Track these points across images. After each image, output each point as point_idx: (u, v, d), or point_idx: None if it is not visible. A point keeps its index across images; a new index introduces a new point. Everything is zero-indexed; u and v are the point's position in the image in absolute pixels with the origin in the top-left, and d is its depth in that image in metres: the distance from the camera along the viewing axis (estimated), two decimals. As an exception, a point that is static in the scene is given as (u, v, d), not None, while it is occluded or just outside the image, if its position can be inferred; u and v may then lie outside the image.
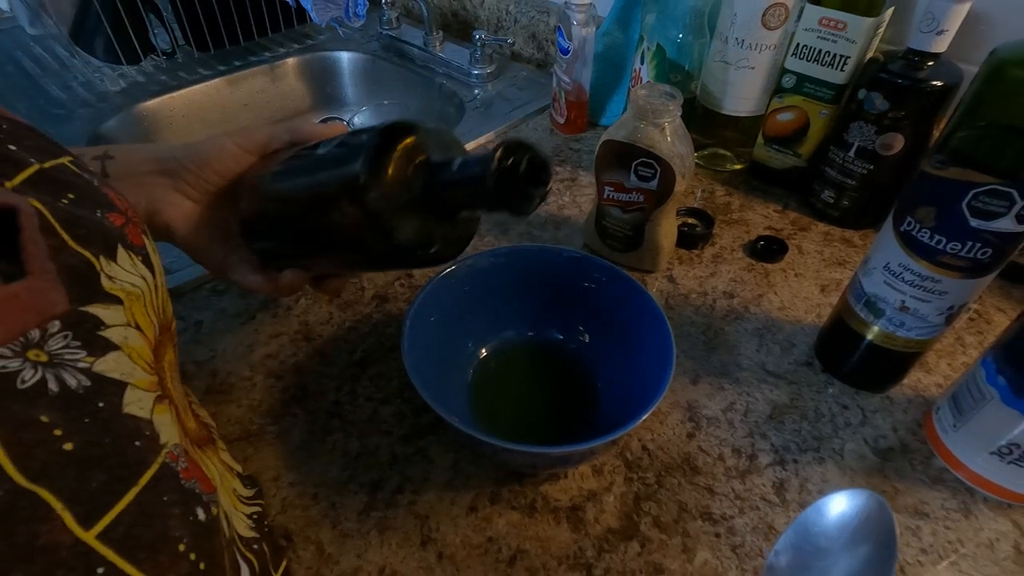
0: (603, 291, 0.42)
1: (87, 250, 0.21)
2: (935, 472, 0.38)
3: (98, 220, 0.23)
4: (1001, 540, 0.35)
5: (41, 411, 0.17)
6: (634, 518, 0.36)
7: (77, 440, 0.18)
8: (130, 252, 0.24)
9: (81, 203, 0.22)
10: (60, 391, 0.18)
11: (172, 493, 0.21)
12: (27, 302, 0.18)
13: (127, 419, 0.20)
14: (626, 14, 0.67)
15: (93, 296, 0.21)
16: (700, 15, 0.58)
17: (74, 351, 0.19)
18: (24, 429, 0.16)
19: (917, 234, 0.35)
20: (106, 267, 0.22)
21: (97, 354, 0.20)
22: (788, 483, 0.37)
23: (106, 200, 0.24)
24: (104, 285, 0.21)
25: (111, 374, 0.20)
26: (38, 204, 0.20)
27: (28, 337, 0.18)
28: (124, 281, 0.22)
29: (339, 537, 0.35)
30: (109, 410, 0.19)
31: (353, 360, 0.45)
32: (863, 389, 0.43)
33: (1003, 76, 0.30)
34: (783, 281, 0.52)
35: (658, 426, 0.40)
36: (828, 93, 0.54)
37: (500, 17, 0.87)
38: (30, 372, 0.17)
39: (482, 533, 0.35)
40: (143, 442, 0.20)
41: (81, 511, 0.17)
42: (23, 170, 0.21)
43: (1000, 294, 0.50)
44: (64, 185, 0.22)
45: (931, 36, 0.46)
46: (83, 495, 0.17)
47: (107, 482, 0.18)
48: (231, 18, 0.89)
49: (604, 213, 0.51)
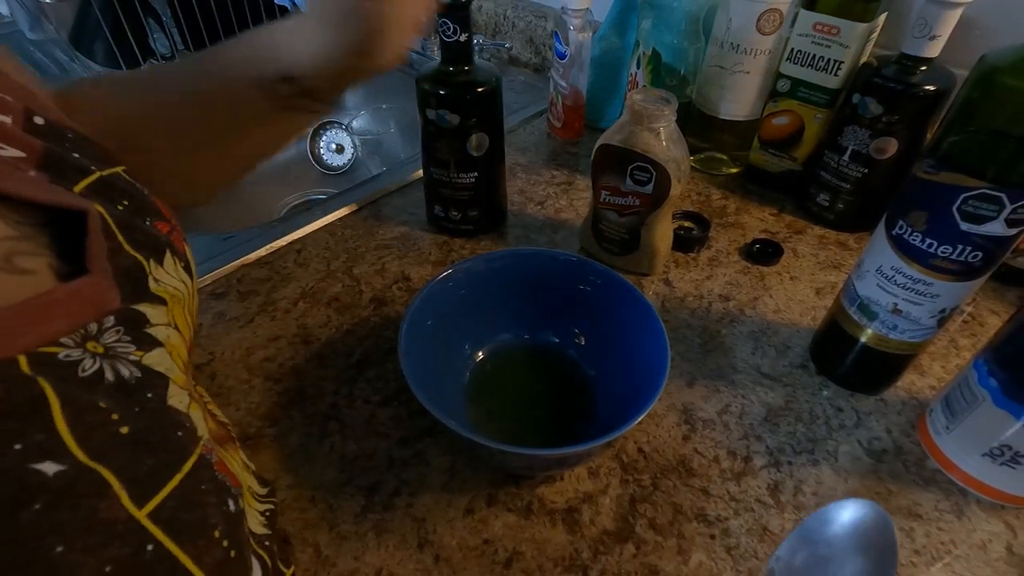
0: (599, 294, 0.42)
1: (139, 253, 0.23)
2: (928, 474, 0.38)
3: (148, 227, 0.24)
4: (994, 541, 0.35)
5: (100, 397, 0.18)
6: (630, 520, 0.36)
7: (132, 425, 0.19)
8: (175, 257, 0.25)
9: (135, 210, 0.24)
10: (115, 380, 0.19)
11: (209, 483, 0.22)
12: (88, 297, 0.19)
13: (171, 411, 0.21)
14: (622, 19, 0.67)
15: (142, 296, 0.22)
16: (695, 20, 0.58)
17: (125, 345, 0.20)
18: (86, 412, 0.17)
19: (909, 237, 0.35)
20: (154, 270, 0.23)
21: (145, 348, 0.21)
22: (783, 485, 0.38)
23: (154, 208, 0.26)
24: (151, 287, 0.23)
25: (157, 367, 0.21)
26: (101, 209, 0.22)
27: (87, 330, 0.19)
28: (168, 284, 0.24)
29: (336, 539, 0.35)
30: (156, 400, 0.21)
31: (351, 363, 0.45)
32: (857, 391, 0.43)
33: (992, 81, 0.30)
34: (778, 284, 0.52)
35: (654, 428, 0.41)
36: (822, 97, 0.54)
37: (498, 22, 0.88)
38: (89, 361, 0.18)
39: (478, 535, 0.35)
40: (184, 433, 0.21)
41: (135, 491, 0.18)
42: (86, 177, 0.23)
43: (994, 296, 0.51)
44: (120, 192, 0.24)
45: (924, 41, 0.46)
46: (137, 476, 0.18)
47: (156, 466, 0.19)
48: (230, 23, 0.89)
49: (600, 216, 0.52)
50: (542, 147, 0.71)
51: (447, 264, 0.53)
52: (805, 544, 0.32)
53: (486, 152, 0.51)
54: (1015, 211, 0.31)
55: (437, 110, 0.48)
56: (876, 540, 0.30)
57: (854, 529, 0.31)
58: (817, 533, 0.32)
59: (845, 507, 0.31)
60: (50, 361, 0.17)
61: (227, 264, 0.53)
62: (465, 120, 0.48)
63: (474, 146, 0.50)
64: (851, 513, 0.31)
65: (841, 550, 0.31)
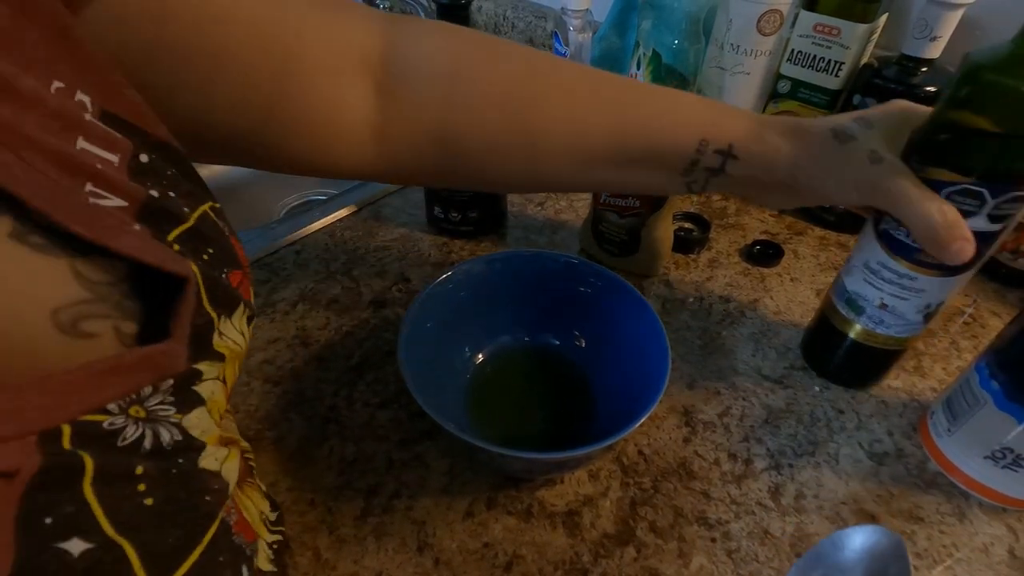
0: (599, 296, 0.42)
1: (215, 310, 0.21)
2: (930, 476, 0.38)
3: (226, 281, 0.23)
4: (995, 544, 0.35)
5: (135, 466, 0.17)
6: (630, 523, 0.36)
7: (158, 495, 0.18)
8: (245, 309, 0.24)
9: (217, 260, 0.23)
10: (152, 447, 0.18)
11: (226, 553, 0.21)
12: (158, 362, 0.18)
13: (202, 473, 0.20)
14: (623, 20, 0.67)
15: (205, 354, 0.21)
16: (696, 21, 0.58)
17: (166, 407, 0.19)
18: (120, 482, 0.17)
19: (895, 232, 0.35)
20: (221, 325, 0.22)
21: (186, 410, 0.20)
22: (784, 488, 0.38)
23: (233, 253, 0.24)
24: (215, 342, 0.21)
25: (193, 431, 0.20)
26: (195, 269, 0.20)
27: (140, 394, 0.18)
28: (230, 339, 0.23)
29: (336, 543, 0.35)
30: (188, 464, 0.20)
31: (350, 365, 0.45)
32: (847, 386, 0.43)
33: (976, 79, 0.30)
34: (779, 285, 0.52)
35: (654, 431, 0.41)
36: (823, 98, 0.54)
37: (498, 22, 0.88)
38: (132, 429, 0.18)
39: (478, 538, 0.35)
40: (212, 496, 0.21)
41: (154, 570, 0.17)
42: (180, 225, 0.21)
43: (995, 298, 0.51)
44: (206, 240, 0.22)
45: (924, 42, 0.46)
46: (159, 550, 0.18)
47: (178, 539, 0.18)
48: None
49: (600, 218, 0.51)
50: (542, 148, 0.71)
51: (447, 266, 0.53)
52: (816, 568, 0.31)
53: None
54: (997, 207, 0.31)
55: None
56: (890, 566, 0.29)
57: (869, 555, 0.30)
58: (829, 557, 0.31)
59: (857, 532, 0.31)
60: (95, 431, 0.16)
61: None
62: None
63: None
64: (863, 538, 0.31)
65: (854, 574, 0.30)
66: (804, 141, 0.33)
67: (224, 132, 0.30)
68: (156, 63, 0.26)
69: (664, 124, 0.34)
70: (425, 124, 0.33)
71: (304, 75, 0.30)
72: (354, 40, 0.32)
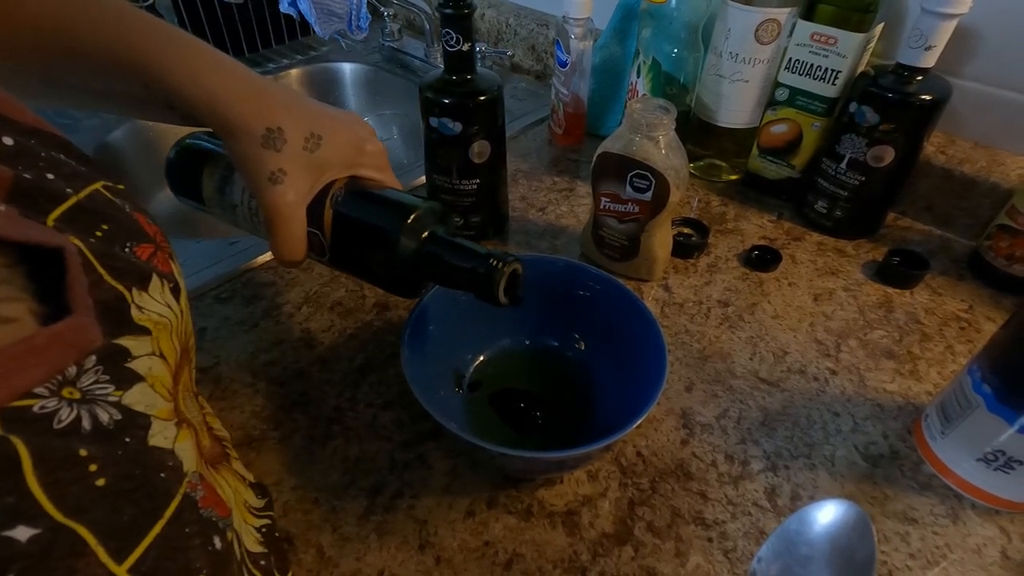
0: (599, 300, 0.42)
1: (120, 283, 0.21)
2: (924, 478, 0.39)
3: (129, 254, 0.23)
4: (988, 545, 0.35)
5: (77, 448, 0.17)
6: (628, 523, 0.36)
7: (110, 475, 0.18)
8: (162, 280, 0.24)
9: (114, 235, 0.23)
10: (92, 427, 0.18)
11: (193, 524, 0.21)
12: (70, 340, 0.18)
13: (153, 451, 0.20)
14: (623, 28, 0.68)
15: (123, 328, 0.21)
16: (695, 30, 0.59)
17: (103, 386, 0.19)
18: (62, 467, 0.17)
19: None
20: (137, 298, 0.22)
21: (124, 387, 0.20)
22: (780, 489, 0.38)
23: (136, 228, 0.24)
24: (134, 316, 0.22)
25: (137, 407, 0.20)
26: (77, 242, 0.20)
27: (65, 374, 0.18)
28: (152, 311, 0.23)
29: (339, 541, 0.35)
30: (137, 443, 0.20)
31: (354, 367, 0.46)
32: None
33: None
34: (777, 290, 0.53)
35: (652, 432, 0.41)
36: (820, 106, 0.55)
37: (500, 29, 0.89)
38: (66, 411, 0.18)
39: (479, 537, 0.36)
40: (167, 473, 0.21)
41: (113, 546, 0.17)
42: (61, 204, 0.21)
43: (990, 303, 0.51)
44: (98, 216, 0.22)
45: (920, 51, 0.47)
46: (115, 529, 0.18)
47: (136, 516, 0.19)
48: (235, 30, 0.90)
49: (600, 223, 0.52)
50: (543, 153, 0.72)
51: (449, 269, 0.54)
52: (786, 544, 0.32)
53: (488, 159, 0.52)
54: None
55: (440, 118, 0.49)
56: (854, 538, 0.30)
57: (835, 529, 0.31)
58: (797, 533, 0.32)
59: (824, 507, 0.32)
60: (24, 416, 0.16)
61: (232, 268, 0.54)
62: (467, 128, 0.49)
63: (476, 153, 0.51)
64: (829, 513, 0.32)
65: (821, 549, 0.31)
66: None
67: None
68: None
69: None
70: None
71: None
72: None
